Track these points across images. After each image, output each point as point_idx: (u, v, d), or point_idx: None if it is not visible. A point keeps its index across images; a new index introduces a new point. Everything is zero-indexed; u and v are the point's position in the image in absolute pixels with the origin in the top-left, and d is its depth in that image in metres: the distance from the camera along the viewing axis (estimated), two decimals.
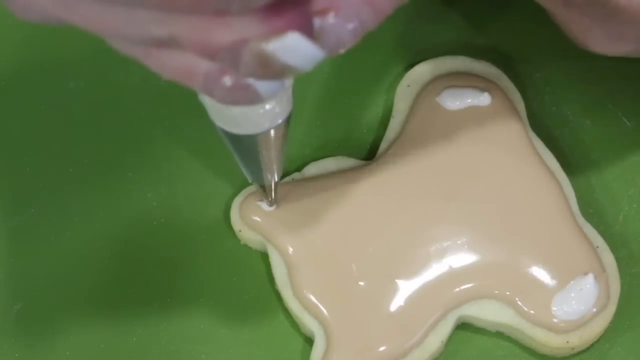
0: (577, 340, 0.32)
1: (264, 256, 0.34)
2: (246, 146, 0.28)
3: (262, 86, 0.21)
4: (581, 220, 0.34)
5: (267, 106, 0.26)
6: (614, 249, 0.34)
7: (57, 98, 0.38)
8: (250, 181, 0.32)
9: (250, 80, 0.20)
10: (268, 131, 0.27)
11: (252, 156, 0.29)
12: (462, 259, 0.33)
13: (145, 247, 0.35)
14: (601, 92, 0.37)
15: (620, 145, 0.36)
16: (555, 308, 0.32)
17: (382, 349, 0.32)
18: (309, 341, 0.33)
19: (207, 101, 0.26)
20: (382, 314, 0.32)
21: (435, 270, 0.33)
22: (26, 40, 0.39)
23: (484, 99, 0.35)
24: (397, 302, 0.32)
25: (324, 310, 0.32)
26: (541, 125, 0.36)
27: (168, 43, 0.20)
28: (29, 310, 0.34)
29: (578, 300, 0.32)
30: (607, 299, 0.32)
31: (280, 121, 0.27)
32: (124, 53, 0.21)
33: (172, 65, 0.21)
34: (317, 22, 0.20)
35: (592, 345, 0.33)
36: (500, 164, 0.34)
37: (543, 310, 0.32)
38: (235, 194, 0.35)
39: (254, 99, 0.21)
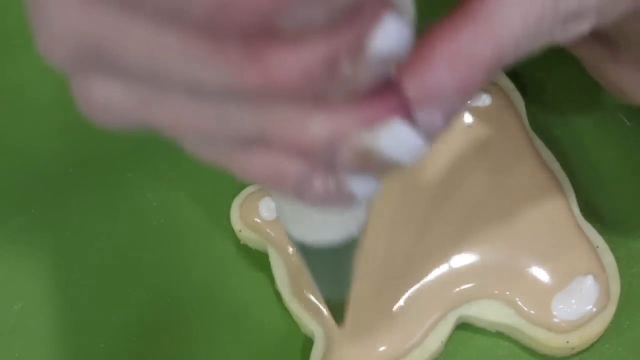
0: (577, 340, 0.32)
1: (264, 256, 0.34)
2: (323, 257, 0.25)
3: (358, 187, 0.19)
4: (581, 220, 0.34)
5: (353, 212, 0.23)
6: (614, 249, 0.34)
7: (57, 98, 0.38)
8: (323, 297, 0.29)
9: (347, 181, 0.18)
10: (348, 240, 0.24)
11: (329, 267, 0.26)
12: (462, 259, 0.33)
13: (145, 247, 0.35)
14: (601, 92, 0.37)
15: (620, 145, 0.36)
16: (555, 308, 0.32)
17: (382, 349, 0.32)
18: (309, 341, 0.33)
19: (286, 211, 0.23)
20: (382, 314, 0.32)
21: (435, 270, 0.33)
22: (26, 40, 0.39)
23: (484, 100, 0.35)
24: (397, 302, 0.32)
25: (324, 311, 0.32)
26: (541, 125, 0.36)
27: (257, 142, 0.18)
28: (29, 310, 0.34)
29: (578, 300, 0.32)
30: (607, 299, 0.32)
31: (363, 228, 0.24)
32: (203, 158, 0.20)
33: (259, 168, 0.19)
34: None
35: (592, 345, 0.33)
36: (500, 164, 0.34)
37: (543, 310, 0.32)
38: (235, 194, 0.35)
39: (349, 201, 0.19)
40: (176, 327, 0.34)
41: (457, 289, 0.33)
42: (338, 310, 0.29)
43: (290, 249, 0.33)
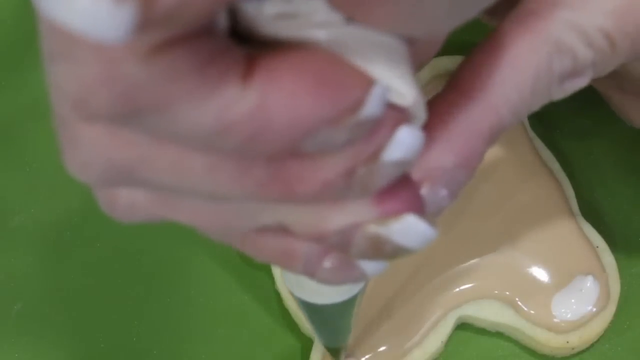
0: (577, 340, 0.32)
1: None
2: (324, 313, 0.26)
3: (368, 267, 0.19)
4: (581, 220, 0.34)
5: None
6: (614, 249, 0.34)
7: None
8: (323, 344, 0.30)
9: (358, 262, 0.19)
10: (354, 297, 0.24)
11: (332, 322, 0.27)
12: (462, 259, 0.33)
13: (145, 247, 0.35)
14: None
15: (620, 145, 0.36)
16: (555, 308, 0.32)
17: (382, 349, 0.32)
18: (309, 341, 0.33)
19: (290, 275, 0.24)
20: (382, 314, 0.32)
21: (435, 271, 0.33)
22: (25, 39, 0.39)
23: None
24: (397, 302, 0.32)
25: None
26: (541, 126, 0.36)
27: (273, 229, 0.19)
28: (29, 310, 0.34)
29: (578, 300, 0.32)
30: (607, 299, 0.32)
31: (364, 287, 0.25)
32: (217, 240, 0.20)
33: (270, 249, 0.19)
34: None
35: (592, 345, 0.33)
36: (500, 164, 0.34)
37: (543, 310, 0.32)
38: None
39: (359, 278, 0.19)
40: (176, 327, 0.34)
41: (457, 289, 0.33)
42: (336, 353, 0.30)
43: None
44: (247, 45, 0.16)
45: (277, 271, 0.33)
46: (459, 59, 0.37)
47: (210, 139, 0.16)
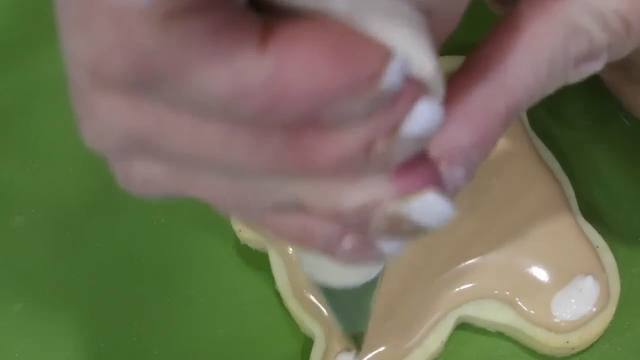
0: (577, 340, 0.32)
1: (264, 256, 0.34)
2: (343, 297, 0.26)
3: (387, 246, 0.19)
4: (581, 220, 0.34)
5: None
6: (614, 249, 0.34)
7: (57, 97, 0.38)
8: (342, 331, 0.29)
9: (376, 241, 0.19)
10: (374, 279, 0.24)
11: (352, 306, 0.27)
12: (462, 258, 0.33)
13: (145, 247, 0.35)
14: (601, 92, 0.37)
15: (620, 145, 0.36)
16: (555, 308, 0.32)
17: (382, 349, 0.32)
18: (309, 341, 0.33)
19: (307, 257, 0.23)
20: (382, 314, 0.32)
21: (435, 271, 0.33)
22: (25, 39, 0.39)
23: None
24: (397, 302, 0.32)
25: (324, 311, 0.32)
26: (541, 125, 0.36)
27: (291, 208, 0.19)
28: (29, 310, 0.34)
29: (578, 300, 0.32)
30: (607, 299, 0.32)
31: (383, 270, 0.25)
32: (234, 218, 0.20)
33: (289, 229, 0.19)
34: None
35: (592, 345, 0.33)
36: (500, 163, 0.34)
37: (543, 310, 0.32)
38: None
39: (378, 258, 0.19)
40: (176, 327, 0.34)
41: (457, 289, 0.33)
42: (357, 340, 0.30)
43: (290, 249, 0.33)
44: (264, 14, 0.16)
45: (277, 271, 0.33)
46: (460, 59, 0.37)
47: (226, 106, 0.16)
